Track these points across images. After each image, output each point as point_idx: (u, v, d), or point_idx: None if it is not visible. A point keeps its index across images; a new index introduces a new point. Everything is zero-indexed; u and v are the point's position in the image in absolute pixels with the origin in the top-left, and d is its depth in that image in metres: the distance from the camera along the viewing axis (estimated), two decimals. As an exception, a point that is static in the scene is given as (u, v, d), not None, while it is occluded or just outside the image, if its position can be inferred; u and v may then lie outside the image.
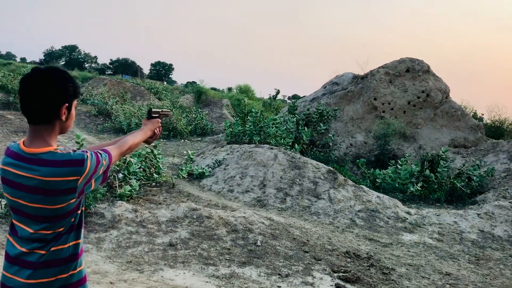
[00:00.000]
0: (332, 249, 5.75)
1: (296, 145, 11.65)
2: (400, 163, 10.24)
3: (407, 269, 5.42)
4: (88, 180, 1.64)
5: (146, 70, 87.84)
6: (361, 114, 13.45)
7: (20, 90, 1.62)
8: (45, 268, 1.64)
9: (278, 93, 35.06)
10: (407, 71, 13.61)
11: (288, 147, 11.16)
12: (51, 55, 79.67)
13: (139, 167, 7.86)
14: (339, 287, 4.60)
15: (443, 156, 10.73)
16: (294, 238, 5.95)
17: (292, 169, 8.61)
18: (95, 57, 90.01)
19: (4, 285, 1.67)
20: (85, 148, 1.85)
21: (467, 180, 10.10)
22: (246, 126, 11.98)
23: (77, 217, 1.73)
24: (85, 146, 7.79)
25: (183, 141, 15.12)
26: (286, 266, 5.02)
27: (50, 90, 1.59)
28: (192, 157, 9.98)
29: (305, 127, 12.82)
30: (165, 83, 55.94)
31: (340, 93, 14.07)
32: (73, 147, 1.81)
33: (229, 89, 40.24)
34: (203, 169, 9.12)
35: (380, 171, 10.40)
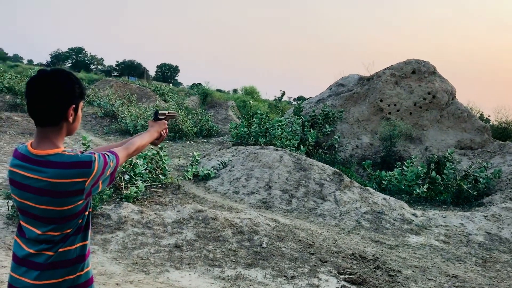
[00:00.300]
0: (338, 251, 5.73)
1: (301, 147, 11.64)
2: (406, 164, 10.20)
3: (413, 271, 5.39)
4: (95, 181, 1.65)
5: (152, 72, 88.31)
6: (367, 115, 13.41)
7: (26, 92, 1.63)
8: (53, 269, 1.65)
9: (283, 94, 35.11)
10: (413, 72, 13.56)
11: (293, 148, 11.15)
12: (57, 57, 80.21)
13: (145, 169, 7.89)
14: (345, 289, 4.58)
15: (449, 157, 10.68)
16: (299, 240, 5.94)
17: (297, 171, 8.60)
18: (101, 59, 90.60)
19: (12, 286, 1.68)
20: (92, 149, 1.86)
21: (473, 182, 10.04)
22: (251, 127, 11.99)
23: (85, 218, 1.74)
24: (91, 147, 7.84)
25: (188, 142, 15.15)
26: (291, 268, 5.01)
27: (56, 92, 1.61)
28: (197, 158, 10.00)
29: (311, 129, 12.81)
30: (170, 85, 56.17)
31: (345, 95, 14.05)
32: (80, 149, 1.82)
33: (235, 91, 40.38)
34: (209, 170, 9.13)
35: (386, 172, 10.37)
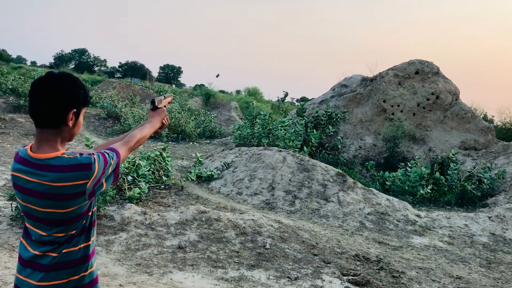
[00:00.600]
0: (341, 252, 5.72)
1: (304, 148, 11.63)
2: (409, 165, 10.17)
3: (417, 273, 5.37)
4: (97, 181, 1.65)
5: (155, 73, 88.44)
6: (370, 116, 13.39)
7: (30, 92, 1.63)
8: (57, 270, 1.65)
9: (286, 95, 35.07)
10: (417, 73, 13.53)
11: (296, 149, 11.14)
12: (61, 59, 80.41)
13: (148, 170, 7.89)
14: (348, 290, 4.57)
15: (453, 158, 10.65)
16: (303, 241, 5.93)
17: (301, 172, 8.59)
18: (105, 60, 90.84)
19: (17, 287, 1.68)
20: (93, 148, 1.86)
21: (477, 182, 10.00)
22: (254, 128, 12.00)
23: (88, 219, 1.73)
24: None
25: (191, 143, 15.17)
26: (295, 269, 5.01)
27: (60, 94, 1.61)
28: (200, 159, 10.00)
29: (314, 130, 12.80)
30: (173, 86, 56.31)
31: (349, 95, 14.03)
32: (81, 149, 1.82)
33: (238, 92, 40.41)
34: (212, 171, 9.13)
35: (389, 173, 10.34)
